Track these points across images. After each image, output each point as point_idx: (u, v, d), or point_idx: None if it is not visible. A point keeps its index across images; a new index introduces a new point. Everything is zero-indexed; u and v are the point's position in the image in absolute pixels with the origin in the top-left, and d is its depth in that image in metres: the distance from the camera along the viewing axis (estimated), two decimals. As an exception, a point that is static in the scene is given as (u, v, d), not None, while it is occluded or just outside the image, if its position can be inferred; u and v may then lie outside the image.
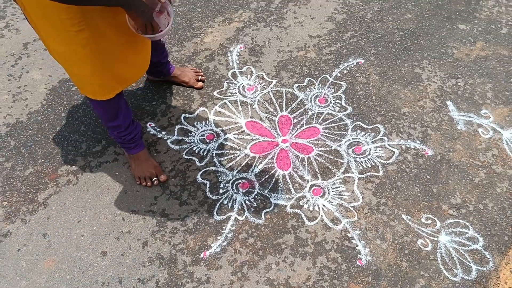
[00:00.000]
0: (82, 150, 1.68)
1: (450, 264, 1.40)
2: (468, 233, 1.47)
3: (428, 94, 1.85)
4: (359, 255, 1.42)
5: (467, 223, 1.49)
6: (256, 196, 1.56)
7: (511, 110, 1.79)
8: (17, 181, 1.59)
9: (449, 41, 2.05)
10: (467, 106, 1.80)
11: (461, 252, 1.42)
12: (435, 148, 1.68)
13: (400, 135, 1.72)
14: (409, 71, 1.94)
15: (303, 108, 1.82)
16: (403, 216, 1.51)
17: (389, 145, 1.70)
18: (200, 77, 1.90)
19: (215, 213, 1.51)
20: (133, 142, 1.55)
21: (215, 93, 1.87)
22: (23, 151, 1.67)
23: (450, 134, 1.72)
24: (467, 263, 1.40)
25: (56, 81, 1.91)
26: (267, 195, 1.56)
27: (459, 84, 1.88)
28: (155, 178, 1.58)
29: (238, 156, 1.67)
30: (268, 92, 1.88)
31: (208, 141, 1.72)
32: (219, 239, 1.45)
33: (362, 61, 1.98)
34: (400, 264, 1.40)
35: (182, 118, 1.78)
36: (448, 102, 1.82)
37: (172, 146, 1.70)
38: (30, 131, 1.73)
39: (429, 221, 1.49)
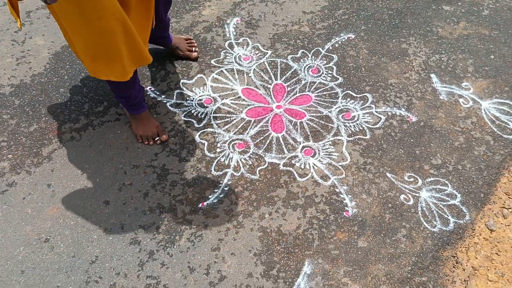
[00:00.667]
0: (84, 110, 1.75)
1: (429, 216, 1.51)
2: (447, 190, 1.58)
3: (413, 68, 1.96)
4: (346, 208, 1.52)
5: (446, 181, 1.60)
6: (251, 155, 1.65)
7: (490, 83, 1.91)
8: (22, 137, 1.65)
9: (434, 21, 2.17)
10: (450, 79, 1.92)
11: (440, 206, 1.54)
12: (419, 115, 1.79)
13: (387, 103, 1.83)
14: (396, 46, 2.05)
15: (297, 77, 1.92)
16: (387, 174, 1.62)
17: (376, 112, 1.80)
18: (193, 48, 1.94)
19: (212, 169, 1.60)
20: (138, 105, 1.62)
21: (212, 61, 1.95)
22: (27, 109, 1.74)
23: (433, 103, 1.84)
24: (446, 216, 1.52)
25: (59, 46, 1.97)
26: (262, 155, 1.65)
27: (442, 59, 2.00)
28: (157, 137, 1.66)
29: (235, 119, 1.76)
30: (264, 62, 1.97)
31: (205, 105, 1.80)
32: (216, 192, 1.54)
33: (353, 36, 2.09)
34: (383, 216, 1.51)
35: (180, 84, 1.86)
36: (432, 75, 1.94)
37: (171, 108, 1.78)
38: (34, 92, 1.79)
39: (412, 179, 1.61)
